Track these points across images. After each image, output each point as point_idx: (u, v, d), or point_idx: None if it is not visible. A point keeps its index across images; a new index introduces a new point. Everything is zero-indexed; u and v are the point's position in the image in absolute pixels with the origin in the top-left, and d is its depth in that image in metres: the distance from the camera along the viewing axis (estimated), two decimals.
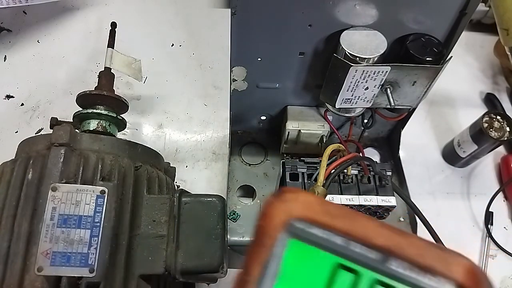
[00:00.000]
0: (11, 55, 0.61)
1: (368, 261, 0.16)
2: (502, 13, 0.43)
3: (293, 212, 0.16)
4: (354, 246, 0.16)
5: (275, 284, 0.16)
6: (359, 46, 0.35)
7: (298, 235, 0.16)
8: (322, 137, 0.46)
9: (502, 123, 0.51)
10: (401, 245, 0.16)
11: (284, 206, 0.16)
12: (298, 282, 0.16)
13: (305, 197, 0.16)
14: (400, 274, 0.16)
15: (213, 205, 0.35)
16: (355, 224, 0.16)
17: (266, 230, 0.16)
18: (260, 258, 0.16)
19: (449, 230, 0.45)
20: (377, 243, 0.16)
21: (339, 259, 0.16)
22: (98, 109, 0.43)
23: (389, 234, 0.16)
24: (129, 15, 0.66)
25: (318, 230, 0.16)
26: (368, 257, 0.16)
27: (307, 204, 0.16)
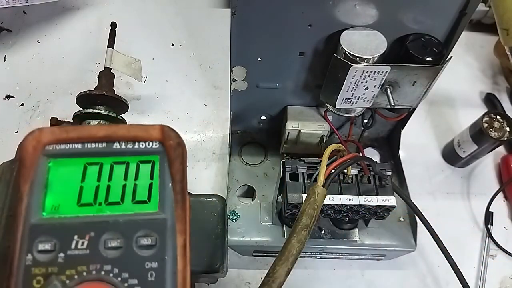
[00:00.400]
0: (11, 55, 0.61)
1: (100, 150, 0.23)
2: (502, 13, 0.43)
3: (42, 140, 0.22)
4: (88, 145, 0.23)
5: (46, 192, 0.22)
6: (359, 46, 0.34)
7: (52, 154, 0.22)
8: (322, 137, 0.46)
9: (502, 123, 0.51)
10: (115, 131, 0.23)
11: (34, 138, 0.22)
12: (63, 186, 0.22)
13: (48, 129, 0.23)
14: (123, 149, 0.23)
15: (213, 205, 0.35)
16: (83, 131, 0.23)
17: (25, 156, 0.22)
18: (26, 177, 0.22)
19: (449, 230, 0.45)
20: (100, 135, 0.23)
21: (84, 159, 0.23)
22: (98, 109, 0.43)
23: (106, 128, 0.23)
24: (129, 15, 0.66)
25: (63, 145, 0.23)
26: (99, 147, 0.23)
27: (50, 132, 0.22)
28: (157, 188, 0.23)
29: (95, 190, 0.23)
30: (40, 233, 0.21)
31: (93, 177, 0.23)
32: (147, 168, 0.24)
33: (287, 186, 0.39)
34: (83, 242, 0.21)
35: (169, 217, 0.23)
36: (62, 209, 0.22)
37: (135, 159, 0.24)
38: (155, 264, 0.22)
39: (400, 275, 0.48)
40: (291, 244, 0.28)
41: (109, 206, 0.23)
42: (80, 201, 0.23)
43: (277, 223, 0.46)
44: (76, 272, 0.21)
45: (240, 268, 0.47)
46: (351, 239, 0.45)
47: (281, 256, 0.28)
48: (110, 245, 0.21)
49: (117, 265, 0.21)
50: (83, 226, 0.21)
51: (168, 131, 0.24)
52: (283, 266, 0.27)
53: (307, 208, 0.30)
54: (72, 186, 0.23)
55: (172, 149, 0.24)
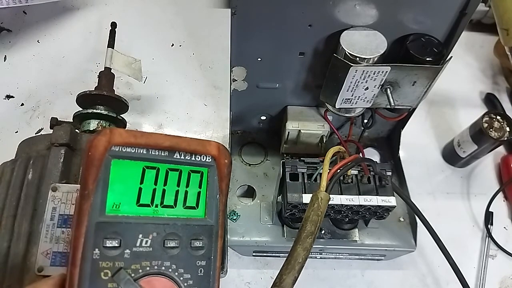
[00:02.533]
0: (11, 55, 0.61)
1: (161, 158, 0.25)
2: (502, 13, 0.43)
3: (111, 141, 0.24)
4: (152, 152, 0.25)
5: (108, 191, 0.24)
6: (359, 46, 0.34)
7: (117, 155, 0.24)
8: (322, 137, 0.46)
9: (502, 123, 0.51)
10: (178, 143, 0.25)
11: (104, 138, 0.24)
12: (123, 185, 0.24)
13: (117, 131, 0.24)
14: (181, 159, 0.26)
15: None
16: (150, 139, 0.25)
17: (94, 156, 0.23)
18: (93, 176, 0.23)
19: (449, 230, 0.45)
20: (164, 145, 0.25)
21: (144, 163, 0.25)
22: (98, 109, 0.43)
23: (170, 138, 0.25)
24: (129, 15, 0.66)
25: (129, 148, 0.24)
26: (161, 155, 0.25)
27: (118, 134, 0.24)
28: (204, 197, 0.26)
29: (152, 193, 0.25)
30: (106, 230, 0.23)
31: (151, 181, 0.25)
32: (196, 178, 0.26)
33: (287, 186, 0.39)
34: (147, 240, 0.24)
35: (215, 223, 0.26)
36: (123, 208, 0.24)
37: (187, 168, 0.26)
38: (204, 262, 0.25)
39: (400, 275, 0.48)
40: (297, 252, 0.28)
41: (164, 209, 0.25)
42: (139, 201, 0.25)
43: (277, 223, 0.46)
44: (140, 266, 0.23)
45: (240, 268, 0.47)
46: (351, 239, 0.45)
47: (287, 264, 0.27)
48: (169, 245, 0.25)
49: (175, 262, 0.24)
50: (146, 226, 0.24)
51: (223, 150, 0.27)
52: (289, 275, 0.27)
53: (311, 214, 0.30)
54: (132, 187, 0.25)
55: (225, 167, 0.27)
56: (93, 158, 0.23)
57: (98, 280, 0.22)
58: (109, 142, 0.24)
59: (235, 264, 0.47)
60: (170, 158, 0.26)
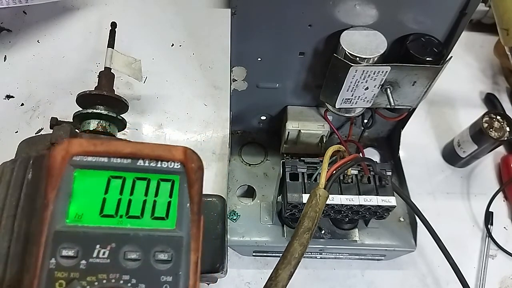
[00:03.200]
0: (11, 55, 0.61)
1: (125, 166, 0.24)
2: (502, 13, 0.43)
3: (70, 151, 0.23)
4: (113, 160, 0.24)
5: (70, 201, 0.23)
6: (359, 46, 0.34)
7: (79, 165, 0.24)
8: (322, 137, 0.46)
9: (502, 123, 0.51)
10: (140, 149, 0.24)
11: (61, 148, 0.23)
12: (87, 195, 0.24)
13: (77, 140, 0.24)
14: (146, 167, 0.24)
15: (213, 205, 0.35)
16: (110, 146, 0.24)
17: (52, 166, 0.23)
18: (53, 185, 0.23)
19: (449, 230, 0.45)
20: (126, 152, 0.24)
21: (110, 172, 0.24)
22: (98, 109, 0.43)
23: (132, 145, 0.24)
24: (129, 15, 0.66)
25: (90, 158, 0.24)
26: (123, 163, 0.24)
27: (77, 144, 0.24)
28: (175, 207, 0.25)
29: (117, 203, 0.24)
30: (64, 239, 0.22)
31: (116, 190, 0.24)
32: (167, 187, 0.25)
33: (287, 186, 0.39)
34: (104, 251, 0.23)
35: (185, 235, 0.24)
36: (85, 218, 0.23)
37: (156, 176, 0.25)
38: (170, 278, 0.23)
39: (400, 275, 0.48)
40: (294, 247, 0.28)
41: (130, 220, 0.24)
42: (102, 212, 0.24)
43: (277, 223, 0.46)
44: (96, 279, 0.22)
45: (240, 268, 0.47)
46: (351, 239, 0.45)
47: (284, 259, 0.28)
48: (129, 257, 0.23)
49: (135, 276, 0.23)
50: (105, 237, 0.23)
51: (191, 154, 0.25)
52: (285, 269, 0.27)
53: (309, 211, 0.30)
54: (96, 197, 0.24)
55: (193, 172, 0.25)
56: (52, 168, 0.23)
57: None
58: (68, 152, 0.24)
59: (235, 264, 0.47)
60: (134, 165, 0.24)
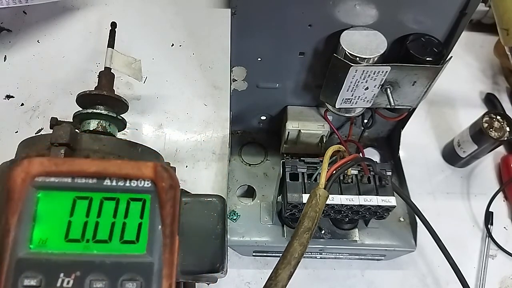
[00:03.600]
0: (11, 55, 0.61)
1: (91, 186, 0.22)
2: (502, 13, 0.43)
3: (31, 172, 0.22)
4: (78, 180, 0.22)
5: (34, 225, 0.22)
6: (359, 46, 0.34)
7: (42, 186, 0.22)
8: (322, 137, 0.46)
9: (502, 123, 0.51)
10: (106, 167, 0.23)
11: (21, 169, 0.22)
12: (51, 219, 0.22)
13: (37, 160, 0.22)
14: (114, 186, 0.23)
15: (213, 205, 0.35)
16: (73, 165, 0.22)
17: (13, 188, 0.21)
18: (14, 210, 0.21)
19: (449, 230, 0.45)
20: (90, 171, 0.22)
21: (75, 193, 0.23)
22: (98, 109, 0.43)
23: (97, 163, 0.23)
24: (129, 15, 0.66)
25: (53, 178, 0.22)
26: (89, 183, 0.22)
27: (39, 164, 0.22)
28: (146, 229, 0.23)
29: (83, 226, 0.23)
30: (26, 267, 0.21)
31: (82, 212, 0.23)
32: (137, 207, 0.23)
33: (287, 186, 0.39)
34: (68, 280, 0.21)
35: (157, 261, 0.23)
36: (50, 243, 0.22)
37: (125, 196, 0.23)
38: None
39: (400, 275, 0.48)
40: (293, 247, 0.28)
41: (97, 244, 0.23)
42: (68, 236, 0.22)
43: (277, 223, 0.46)
44: None
45: (240, 268, 0.47)
46: (351, 239, 0.45)
47: (283, 259, 0.28)
48: (95, 286, 0.21)
49: None
50: (70, 264, 0.21)
51: (161, 172, 0.23)
52: (285, 269, 0.27)
53: (309, 210, 0.30)
54: (61, 220, 0.22)
55: (164, 192, 0.23)
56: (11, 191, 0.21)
57: None
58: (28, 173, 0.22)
59: (235, 264, 0.47)
60: (101, 185, 0.23)
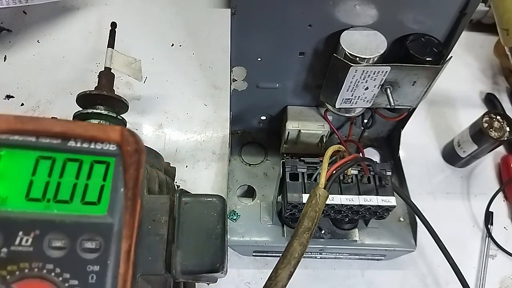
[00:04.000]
0: (11, 55, 0.61)
1: (54, 146, 0.22)
2: (502, 13, 0.43)
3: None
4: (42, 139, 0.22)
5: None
6: (359, 46, 0.34)
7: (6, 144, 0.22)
8: (322, 137, 0.46)
9: (502, 123, 0.51)
10: (71, 128, 0.22)
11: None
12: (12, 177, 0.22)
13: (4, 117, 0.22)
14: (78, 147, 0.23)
15: (213, 205, 0.35)
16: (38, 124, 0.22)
17: None
18: None
19: (449, 230, 0.45)
20: (55, 131, 0.22)
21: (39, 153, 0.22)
22: (98, 109, 0.43)
23: (62, 123, 0.22)
24: (129, 15, 0.66)
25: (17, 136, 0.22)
26: (53, 143, 0.22)
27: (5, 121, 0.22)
28: (108, 191, 0.23)
29: (45, 186, 0.22)
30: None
31: (45, 172, 0.23)
32: (101, 169, 0.23)
33: (287, 186, 0.39)
34: (27, 239, 0.21)
35: (117, 222, 0.23)
36: (10, 201, 0.22)
37: (89, 158, 0.23)
38: (97, 267, 0.22)
39: (400, 275, 0.48)
40: (293, 247, 0.28)
41: (57, 204, 0.22)
42: (28, 195, 0.22)
43: (277, 223, 0.46)
44: (18, 268, 0.21)
45: (240, 268, 0.47)
46: (351, 239, 0.45)
47: (283, 259, 0.28)
48: (54, 245, 0.21)
49: (59, 265, 0.21)
50: (29, 223, 0.22)
51: (128, 136, 0.23)
52: (285, 269, 0.27)
53: (309, 210, 0.30)
54: (22, 179, 0.22)
55: (128, 155, 0.23)
56: None
57: None
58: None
59: (235, 264, 0.47)
60: (65, 146, 0.23)
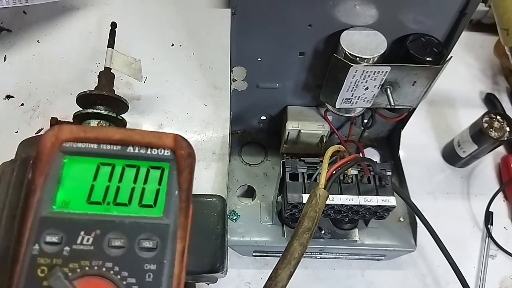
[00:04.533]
0: (11, 55, 0.61)
1: (114, 152, 0.24)
2: (502, 13, 0.43)
3: (60, 137, 0.23)
4: (103, 146, 0.24)
5: (58, 187, 0.23)
6: (359, 46, 0.34)
7: (70, 151, 0.24)
8: (322, 137, 0.46)
9: (502, 123, 0.51)
10: (130, 135, 0.24)
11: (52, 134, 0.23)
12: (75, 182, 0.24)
13: (67, 126, 0.24)
14: (136, 153, 0.24)
15: (213, 205, 0.35)
16: (100, 133, 0.24)
17: (42, 151, 0.23)
18: (41, 171, 0.23)
19: (449, 230, 0.45)
20: (115, 138, 0.24)
21: (98, 159, 0.24)
22: (98, 109, 0.43)
23: (122, 131, 0.24)
24: (129, 15, 0.66)
25: (80, 144, 0.24)
26: (113, 149, 0.24)
27: (68, 130, 0.24)
28: (163, 194, 0.24)
29: (105, 190, 0.24)
30: (48, 225, 0.22)
31: (105, 177, 0.24)
32: (156, 174, 0.25)
33: (287, 186, 0.39)
34: (88, 238, 0.22)
35: (172, 223, 0.24)
36: (72, 204, 0.23)
37: (146, 164, 0.25)
38: (154, 266, 0.23)
39: (400, 275, 0.48)
40: (293, 247, 0.28)
41: (117, 207, 0.24)
42: (89, 198, 0.24)
43: (277, 223, 0.46)
44: (79, 265, 0.22)
45: (240, 268, 0.47)
46: (351, 239, 0.45)
47: (283, 259, 0.28)
48: (113, 244, 0.23)
49: (118, 263, 0.22)
50: (90, 223, 0.23)
51: (181, 141, 0.25)
52: (285, 269, 0.27)
53: (309, 210, 0.30)
54: (84, 184, 0.24)
55: (182, 159, 0.24)
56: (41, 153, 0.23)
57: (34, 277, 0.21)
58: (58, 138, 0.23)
59: (235, 264, 0.47)
60: (124, 152, 0.24)
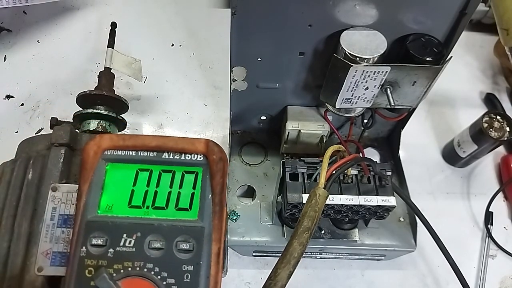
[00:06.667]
0: (11, 55, 0.61)
1: (151, 159, 0.26)
2: (502, 13, 0.43)
3: (102, 146, 0.25)
4: (141, 153, 0.26)
5: (102, 193, 0.25)
6: (359, 46, 0.34)
7: (111, 159, 0.25)
8: (322, 137, 0.46)
9: (502, 123, 0.51)
10: (165, 142, 0.26)
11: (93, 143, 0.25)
12: (117, 187, 0.25)
13: (108, 136, 0.26)
14: (171, 159, 0.26)
15: None
16: (137, 140, 0.26)
17: (86, 159, 0.25)
18: (86, 178, 0.25)
19: (449, 230, 0.45)
20: (152, 145, 0.26)
21: (136, 165, 0.26)
22: (98, 109, 0.43)
23: (157, 139, 0.26)
24: (129, 15, 0.66)
25: (120, 151, 0.25)
26: (150, 156, 0.26)
27: (109, 139, 0.25)
28: (198, 198, 0.26)
29: (144, 195, 0.26)
30: (94, 229, 0.24)
31: (143, 182, 0.26)
32: (190, 178, 0.26)
33: (287, 186, 0.39)
34: (130, 240, 0.24)
35: (207, 226, 0.25)
36: (115, 209, 0.25)
37: (181, 169, 0.26)
38: (191, 267, 0.24)
39: (400, 275, 0.48)
40: (293, 247, 0.28)
41: (155, 210, 0.25)
42: (130, 203, 0.25)
43: (277, 223, 0.46)
44: (122, 266, 0.23)
45: (240, 268, 0.47)
46: (351, 239, 0.45)
47: (283, 258, 0.28)
48: (153, 246, 0.24)
49: (158, 264, 0.24)
50: (132, 226, 0.24)
51: (212, 146, 0.26)
52: (285, 269, 0.27)
53: (309, 210, 0.30)
54: (125, 189, 0.25)
55: (214, 163, 0.26)
56: (85, 162, 0.25)
57: (82, 277, 0.23)
58: (99, 146, 0.25)
59: (235, 264, 0.47)
60: (160, 158, 0.26)
